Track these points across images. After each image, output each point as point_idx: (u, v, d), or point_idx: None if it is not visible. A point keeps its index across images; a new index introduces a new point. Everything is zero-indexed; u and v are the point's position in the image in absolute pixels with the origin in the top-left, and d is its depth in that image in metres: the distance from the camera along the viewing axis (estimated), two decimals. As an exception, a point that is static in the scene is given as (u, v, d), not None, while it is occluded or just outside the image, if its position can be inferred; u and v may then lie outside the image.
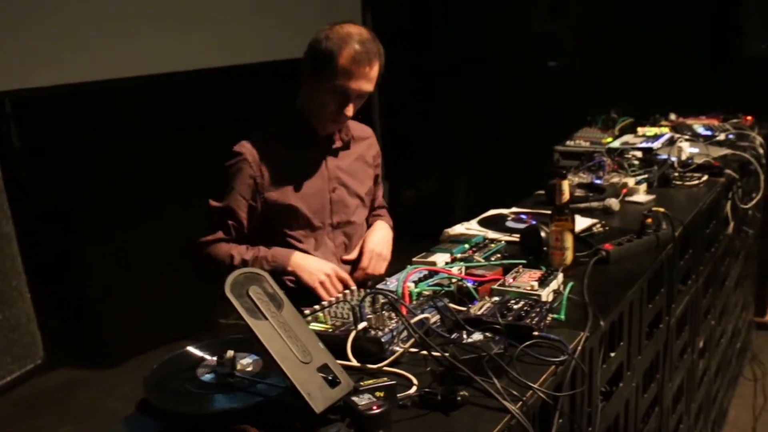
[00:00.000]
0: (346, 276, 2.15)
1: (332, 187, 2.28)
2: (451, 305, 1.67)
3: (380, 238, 2.36)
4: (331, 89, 2.10)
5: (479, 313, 1.60)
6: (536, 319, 1.57)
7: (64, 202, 4.32)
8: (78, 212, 4.35)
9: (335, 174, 2.29)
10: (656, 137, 3.29)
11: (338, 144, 2.30)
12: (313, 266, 2.13)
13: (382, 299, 1.59)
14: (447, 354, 1.38)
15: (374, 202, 2.54)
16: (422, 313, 1.57)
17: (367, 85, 2.13)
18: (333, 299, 1.76)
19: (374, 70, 2.14)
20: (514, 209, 2.58)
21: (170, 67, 4.53)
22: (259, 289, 1.29)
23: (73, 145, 4.23)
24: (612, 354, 1.84)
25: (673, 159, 2.97)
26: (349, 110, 2.14)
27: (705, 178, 2.88)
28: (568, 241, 1.94)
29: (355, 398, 1.20)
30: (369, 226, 2.44)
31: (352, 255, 2.32)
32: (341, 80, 2.08)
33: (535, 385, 1.37)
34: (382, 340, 1.47)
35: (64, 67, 4.03)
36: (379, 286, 1.76)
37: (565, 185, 1.93)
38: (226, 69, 4.74)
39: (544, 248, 1.96)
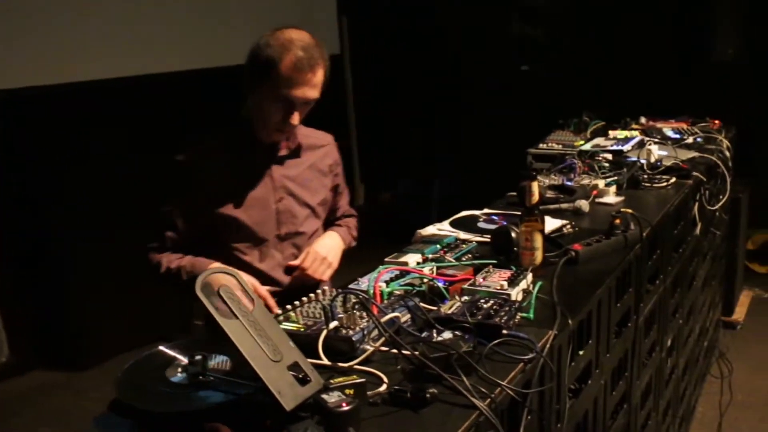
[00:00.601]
0: (264, 293, 2.03)
1: (278, 196, 2.22)
2: (422, 305, 1.68)
3: (327, 244, 2.29)
4: (274, 98, 2.04)
5: (449, 312, 1.62)
6: (505, 317, 1.60)
7: (39, 204, 4.29)
8: (53, 215, 4.32)
9: (282, 183, 2.22)
10: (626, 140, 3.34)
11: (284, 152, 2.24)
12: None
13: (353, 299, 1.60)
14: (417, 352, 1.40)
15: (337, 212, 2.49)
16: (393, 312, 1.59)
17: (311, 92, 2.07)
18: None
19: (318, 76, 2.06)
20: (486, 210, 2.60)
21: (155, 68, 4.55)
22: (229, 288, 1.30)
23: (50, 146, 4.22)
24: (580, 352, 1.87)
25: (643, 161, 3.01)
26: (295, 118, 2.08)
27: (673, 180, 2.93)
28: (538, 241, 1.96)
29: (324, 396, 1.21)
30: None
31: (296, 261, 2.24)
32: (284, 88, 2.01)
33: (504, 383, 1.39)
34: (353, 339, 1.49)
35: (46, 68, 4.04)
36: (351, 286, 1.77)
37: (535, 187, 1.96)
38: (209, 71, 4.75)
39: (514, 248, 1.99)
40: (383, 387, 1.37)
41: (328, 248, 2.27)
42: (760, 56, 5.39)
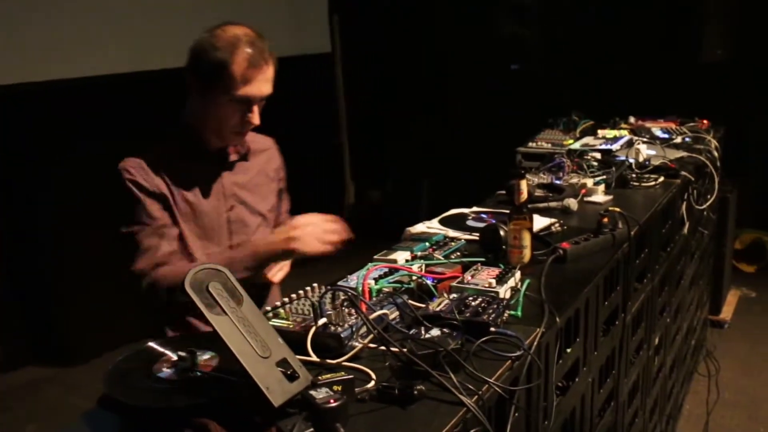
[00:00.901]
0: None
1: (229, 205, 2.12)
2: (411, 302, 1.69)
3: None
4: (229, 100, 1.93)
5: (437, 309, 1.62)
6: (493, 315, 1.60)
7: (29, 200, 4.28)
8: (42, 210, 4.31)
9: (232, 191, 2.12)
10: (615, 139, 3.35)
11: (234, 157, 2.13)
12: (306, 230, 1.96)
13: (342, 296, 1.61)
14: (405, 349, 1.41)
15: (278, 218, 2.35)
16: (382, 309, 1.59)
17: (267, 87, 1.98)
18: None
19: (270, 70, 1.98)
20: (475, 208, 2.61)
21: (147, 65, 4.55)
22: (218, 284, 1.31)
23: (40, 142, 4.21)
24: (568, 350, 1.88)
25: (631, 161, 3.03)
26: (255, 117, 1.99)
27: (661, 179, 2.95)
28: (526, 239, 1.97)
29: (312, 392, 1.22)
30: None
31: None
32: (240, 89, 1.92)
33: (491, 380, 1.40)
34: (342, 335, 1.49)
35: (29, 65, 4.04)
36: (340, 283, 1.78)
37: (524, 185, 1.97)
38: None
39: (503, 246, 2.00)
40: (371, 384, 1.38)
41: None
42: (748, 56, 5.43)
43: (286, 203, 2.41)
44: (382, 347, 1.48)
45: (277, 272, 2.19)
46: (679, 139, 3.55)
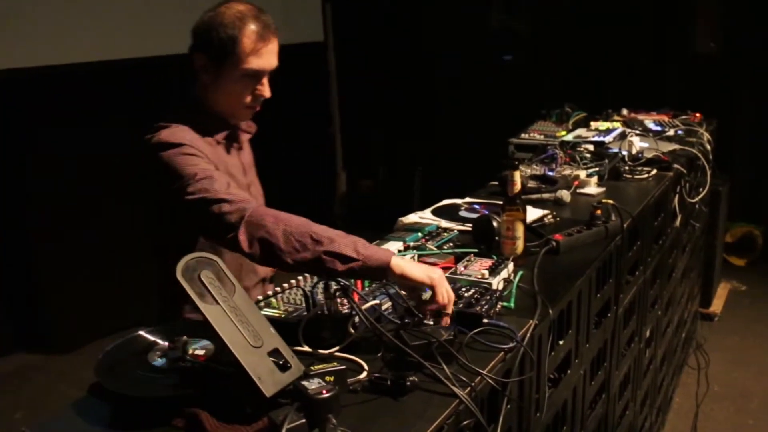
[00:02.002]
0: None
1: (247, 182, 2.11)
2: (403, 292, 1.68)
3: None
4: (240, 75, 1.92)
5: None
6: (486, 306, 1.60)
7: (16, 186, 4.25)
8: (29, 196, 4.28)
9: (247, 167, 2.14)
10: (608, 131, 3.35)
11: (245, 136, 2.14)
12: (421, 267, 1.60)
13: (334, 285, 1.60)
14: (397, 340, 1.40)
15: None
16: (374, 299, 1.59)
17: (275, 59, 1.97)
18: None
19: (276, 43, 1.97)
20: (468, 199, 2.61)
21: (132, 53, 4.51)
22: (211, 273, 1.29)
23: (22, 129, 4.17)
24: (560, 342, 1.88)
25: (624, 153, 3.03)
26: (266, 90, 1.97)
27: (654, 172, 2.95)
28: (519, 230, 1.97)
29: (304, 382, 1.21)
30: None
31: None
32: (250, 63, 1.91)
33: (484, 371, 1.39)
34: (334, 326, 1.48)
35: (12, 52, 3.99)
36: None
37: (517, 176, 1.96)
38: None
39: (496, 238, 2.00)
40: (364, 374, 1.37)
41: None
42: (741, 49, 5.42)
43: None
44: (375, 338, 1.47)
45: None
46: (671, 132, 3.55)
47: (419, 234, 2.10)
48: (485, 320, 1.56)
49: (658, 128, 3.58)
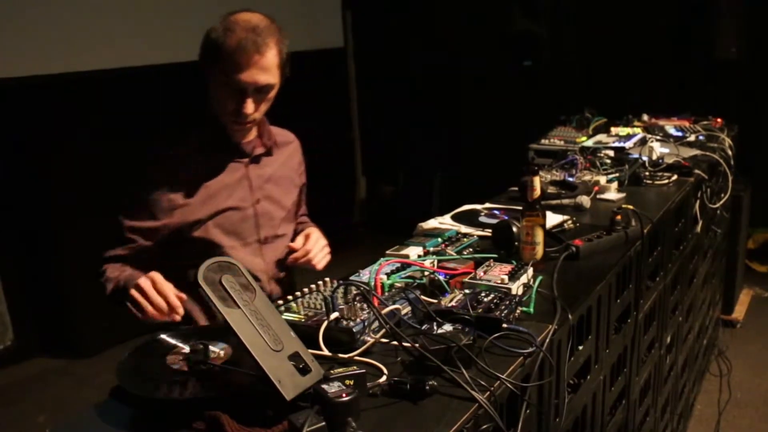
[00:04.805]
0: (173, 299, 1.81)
1: (256, 198, 2.12)
2: (423, 297, 1.69)
3: (321, 236, 2.21)
4: (222, 83, 1.93)
5: (450, 305, 1.62)
6: (505, 311, 1.60)
7: (37, 193, 4.30)
8: (52, 203, 4.33)
9: (259, 184, 2.13)
10: (628, 137, 3.34)
11: (259, 150, 2.13)
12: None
13: (354, 290, 1.61)
14: (417, 344, 1.41)
15: (298, 212, 2.36)
16: (394, 304, 1.59)
17: (261, 76, 1.93)
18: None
19: (266, 59, 1.93)
20: (488, 205, 2.61)
21: (152, 59, 4.56)
22: (231, 277, 1.31)
23: (49, 136, 4.23)
24: (580, 347, 1.87)
25: (644, 158, 3.02)
26: (248, 107, 1.95)
27: (675, 177, 2.93)
28: (539, 236, 1.96)
29: (324, 386, 1.22)
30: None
31: (298, 243, 2.13)
32: (230, 71, 1.91)
33: (503, 376, 1.39)
34: (354, 330, 1.49)
35: (34, 59, 4.06)
36: (352, 277, 1.78)
37: (537, 182, 1.96)
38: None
39: (515, 243, 2.00)
40: (383, 378, 1.38)
41: (324, 240, 2.21)
42: (763, 54, 5.38)
43: (304, 199, 2.41)
44: (394, 342, 1.48)
45: (324, 259, 2.16)
46: (692, 137, 3.52)
47: (439, 239, 2.10)
48: (505, 325, 1.56)
49: (679, 134, 3.55)
